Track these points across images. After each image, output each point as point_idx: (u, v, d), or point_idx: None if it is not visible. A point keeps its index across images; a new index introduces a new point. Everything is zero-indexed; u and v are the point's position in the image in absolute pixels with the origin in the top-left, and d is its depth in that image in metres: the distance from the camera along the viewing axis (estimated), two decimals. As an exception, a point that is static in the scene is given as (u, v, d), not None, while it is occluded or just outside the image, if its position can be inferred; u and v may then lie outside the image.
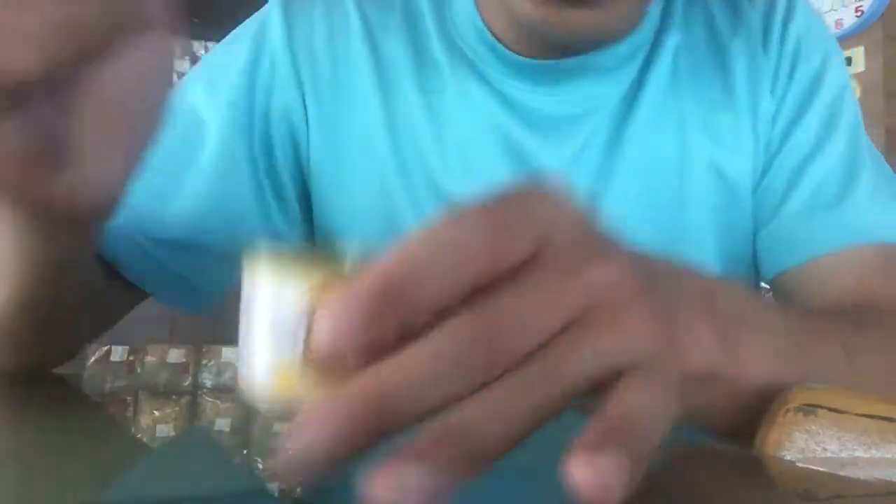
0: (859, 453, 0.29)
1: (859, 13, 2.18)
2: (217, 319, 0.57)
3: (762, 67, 0.61)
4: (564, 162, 0.59)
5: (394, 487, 0.18)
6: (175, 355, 2.43)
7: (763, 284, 0.69)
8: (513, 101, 0.59)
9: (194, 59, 2.47)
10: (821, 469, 0.28)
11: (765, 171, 0.61)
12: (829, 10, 2.27)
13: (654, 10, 0.61)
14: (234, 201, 0.59)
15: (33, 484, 0.26)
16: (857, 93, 2.19)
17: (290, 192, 0.62)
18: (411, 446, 0.18)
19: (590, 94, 0.59)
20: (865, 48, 2.19)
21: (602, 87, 0.59)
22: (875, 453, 0.28)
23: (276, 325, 0.21)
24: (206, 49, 2.49)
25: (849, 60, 2.22)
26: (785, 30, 0.62)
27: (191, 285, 0.59)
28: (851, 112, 0.62)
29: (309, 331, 0.20)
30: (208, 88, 0.60)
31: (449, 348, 0.19)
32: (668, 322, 0.26)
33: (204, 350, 2.36)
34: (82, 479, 0.26)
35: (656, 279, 0.27)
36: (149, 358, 2.48)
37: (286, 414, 0.21)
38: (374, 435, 0.19)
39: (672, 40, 0.61)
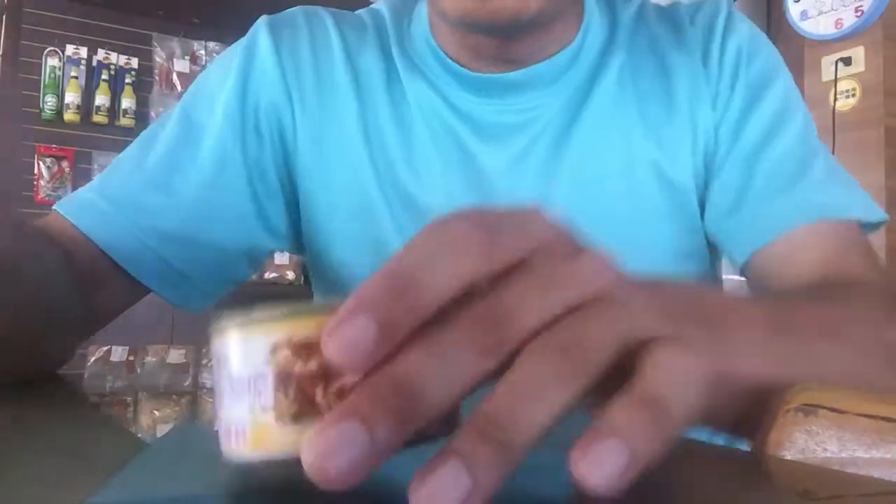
0: (859, 453, 0.29)
1: (859, 13, 2.18)
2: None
3: (702, 83, 0.65)
4: (508, 165, 0.62)
5: (430, 497, 0.18)
6: (175, 355, 2.43)
7: (725, 277, 0.71)
8: (462, 111, 0.64)
9: (194, 59, 2.46)
10: (821, 469, 0.28)
11: (717, 172, 0.64)
12: (829, 10, 2.27)
13: (600, 31, 0.66)
14: (231, 197, 0.63)
15: (33, 484, 0.26)
16: (857, 93, 2.19)
17: (279, 189, 0.66)
18: (445, 447, 0.18)
19: (532, 104, 0.63)
20: (865, 48, 2.19)
21: (544, 98, 0.63)
22: (875, 453, 0.28)
23: (247, 382, 0.22)
24: (206, 49, 2.48)
25: (849, 60, 2.22)
26: (724, 46, 0.65)
27: (193, 283, 0.63)
28: (801, 112, 0.65)
29: (279, 386, 0.21)
30: (203, 97, 0.65)
31: (462, 330, 0.20)
32: (685, 307, 0.27)
33: (204, 350, 2.36)
34: (82, 479, 0.26)
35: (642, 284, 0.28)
36: (149, 358, 2.48)
37: (266, 467, 0.22)
38: (405, 425, 0.19)
39: (617, 59, 0.65)
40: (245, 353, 0.22)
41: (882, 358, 0.38)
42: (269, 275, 2.26)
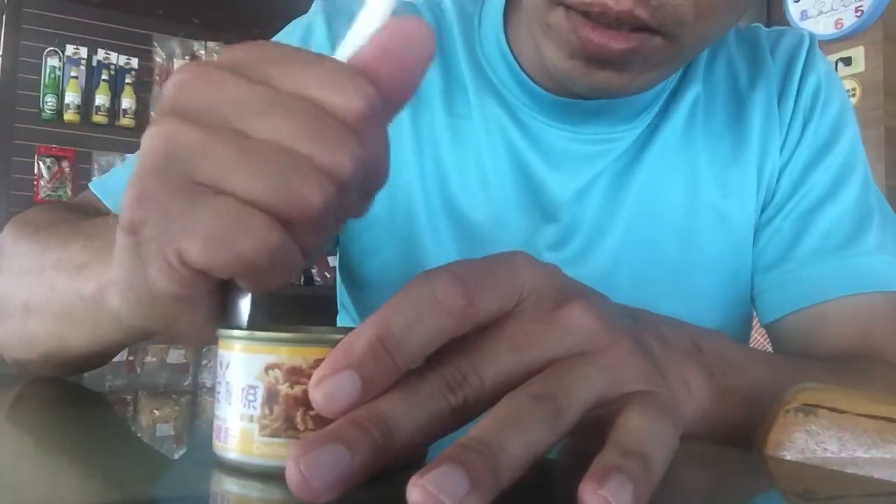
0: (859, 453, 0.29)
1: (859, 13, 2.18)
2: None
3: (774, 124, 0.63)
4: (571, 194, 0.60)
5: (433, 487, 0.19)
6: (175, 355, 2.43)
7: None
8: (532, 132, 0.61)
9: (194, 59, 2.46)
10: (821, 469, 0.28)
11: (770, 220, 0.62)
12: (829, 10, 2.27)
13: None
14: None
15: (34, 484, 0.26)
16: (857, 93, 2.19)
17: None
18: (443, 453, 0.20)
19: (605, 136, 0.61)
20: (865, 48, 2.19)
21: (617, 131, 0.61)
22: (875, 453, 0.28)
23: (241, 391, 0.25)
24: (206, 49, 2.49)
25: (849, 60, 2.22)
26: (802, 85, 0.63)
27: None
28: (862, 165, 0.64)
29: (266, 401, 0.24)
30: None
31: (435, 383, 0.23)
32: (657, 363, 0.27)
33: (204, 350, 2.37)
34: (83, 478, 0.26)
35: (640, 330, 0.29)
36: (149, 358, 2.48)
37: (250, 471, 0.25)
38: (381, 454, 0.21)
39: (692, 92, 0.63)
40: (243, 364, 0.25)
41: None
42: (269, 275, 2.26)
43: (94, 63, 2.36)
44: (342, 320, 0.76)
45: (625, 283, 0.60)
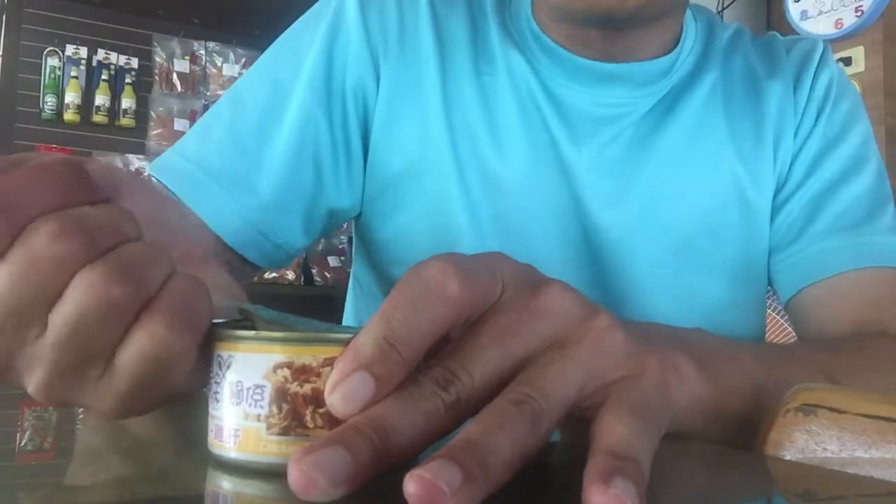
0: (859, 453, 0.29)
1: (859, 13, 2.18)
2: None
3: (789, 109, 0.65)
4: (589, 156, 0.62)
5: (431, 475, 0.20)
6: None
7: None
8: (552, 91, 0.63)
9: (194, 59, 2.46)
10: (821, 469, 0.28)
11: (784, 203, 0.64)
12: (829, 10, 2.27)
13: (696, 48, 0.67)
14: (314, 161, 0.61)
15: (34, 484, 0.26)
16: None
17: (361, 152, 0.65)
18: (436, 453, 0.21)
19: (623, 101, 0.63)
20: (865, 48, 2.19)
21: (636, 98, 0.63)
22: (875, 453, 0.28)
23: (246, 390, 0.25)
24: (206, 49, 2.48)
25: (849, 60, 2.22)
26: (816, 77, 0.67)
27: (283, 249, 0.61)
28: (877, 159, 0.66)
29: (275, 400, 0.24)
30: (291, 64, 0.63)
31: (429, 383, 0.24)
32: (643, 351, 0.28)
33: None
34: (83, 478, 0.26)
35: (622, 320, 0.29)
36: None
37: (257, 469, 0.25)
38: (381, 456, 0.22)
39: (710, 76, 0.66)
40: (250, 364, 0.25)
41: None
42: (269, 275, 2.26)
43: (94, 63, 2.36)
44: (354, 297, 0.76)
45: (643, 253, 0.61)
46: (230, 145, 0.60)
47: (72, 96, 2.31)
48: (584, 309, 0.26)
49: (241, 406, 0.25)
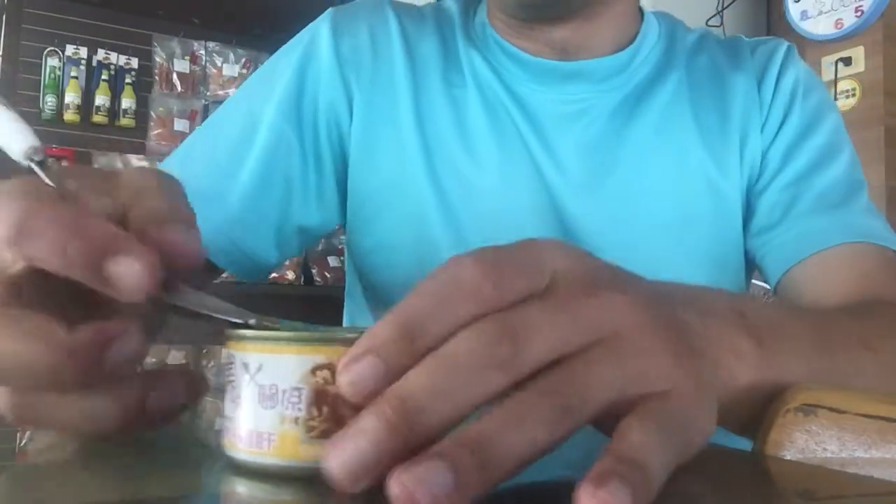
0: (859, 453, 0.29)
1: (859, 13, 2.18)
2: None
3: (754, 105, 0.68)
4: (558, 155, 0.65)
5: (411, 484, 0.19)
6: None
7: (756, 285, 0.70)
8: (516, 93, 0.66)
9: (194, 59, 2.46)
10: (821, 469, 0.28)
11: (764, 190, 0.67)
12: (829, 11, 2.27)
13: (657, 47, 0.70)
14: (283, 178, 0.64)
15: (34, 484, 0.26)
16: (857, 93, 2.19)
17: (332, 172, 0.68)
18: (433, 448, 0.20)
19: (585, 97, 0.66)
20: (865, 48, 2.19)
21: (597, 94, 0.67)
22: (875, 453, 0.28)
23: (280, 393, 0.24)
24: (206, 49, 2.48)
25: (849, 60, 2.22)
26: (781, 75, 0.69)
27: (255, 261, 0.65)
28: (849, 149, 0.69)
29: (314, 402, 0.23)
30: (263, 91, 0.67)
31: (468, 346, 0.22)
32: (692, 350, 0.26)
33: (204, 350, 2.37)
34: (83, 478, 0.26)
35: (676, 308, 0.28)
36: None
37: (287, 474, 0.24)
38: (406, 443, 0.21)
39: (675, 74, 0.69)
40: (284, 366, 0.24)
41: None
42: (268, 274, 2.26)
43: (94, 63, 2.35)
44: (347, 303, 0.77)
45: (619, 242, 0.63)
46: (204, 169, 0.63)
47: (72, 96, 2.31)
48: (635, 316, 0.25)
49: (275, 409, 0.24)
